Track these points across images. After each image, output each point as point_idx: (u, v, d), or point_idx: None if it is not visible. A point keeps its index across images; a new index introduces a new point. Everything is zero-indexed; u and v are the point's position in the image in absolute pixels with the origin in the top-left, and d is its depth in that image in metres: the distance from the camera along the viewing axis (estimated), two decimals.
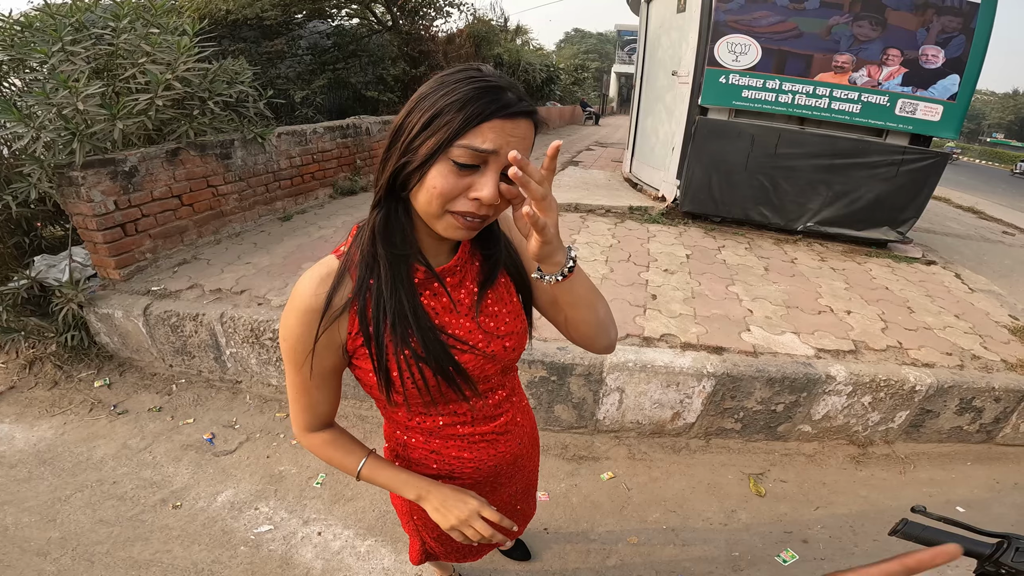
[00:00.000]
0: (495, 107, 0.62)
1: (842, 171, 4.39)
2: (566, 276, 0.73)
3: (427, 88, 0.66)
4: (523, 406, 1.07)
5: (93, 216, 2.81)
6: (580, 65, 26.71)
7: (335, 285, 0.74)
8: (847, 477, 2.42)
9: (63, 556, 1.87)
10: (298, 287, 0.76)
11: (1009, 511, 2.30)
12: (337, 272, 0.75)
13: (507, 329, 0.87)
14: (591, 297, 0.81)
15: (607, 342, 0.88)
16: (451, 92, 0.62)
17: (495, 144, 0.62)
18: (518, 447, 1.04)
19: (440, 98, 0.63)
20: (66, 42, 2.85)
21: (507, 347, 0.87)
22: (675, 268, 3.64)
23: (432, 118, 0.63)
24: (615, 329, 0.89)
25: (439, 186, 0.64)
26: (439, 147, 0.62)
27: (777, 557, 1.99)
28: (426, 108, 0.64)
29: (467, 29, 11.71)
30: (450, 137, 0.62)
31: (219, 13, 7.48)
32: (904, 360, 2.62)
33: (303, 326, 0.75)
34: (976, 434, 2.64)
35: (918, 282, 3.84)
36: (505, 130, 0.62)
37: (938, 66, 4.10)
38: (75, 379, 2.87)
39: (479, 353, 0.84)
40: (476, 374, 0.85)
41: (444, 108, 0.62)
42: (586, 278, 0.79)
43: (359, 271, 0.74)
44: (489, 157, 0.63)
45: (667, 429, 2.56)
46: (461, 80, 0.63)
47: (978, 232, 6.80)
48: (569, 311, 0.82)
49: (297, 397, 0.84)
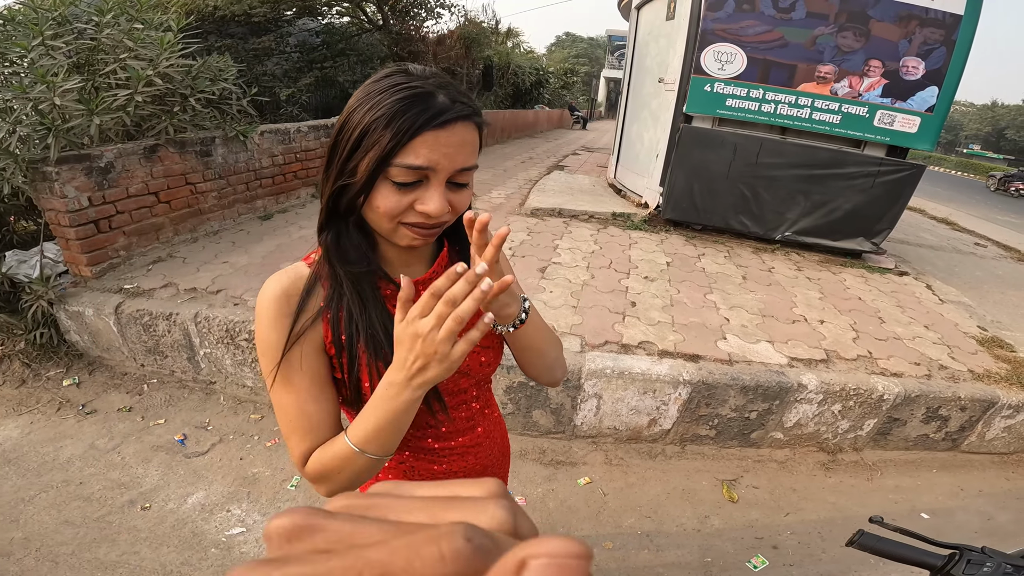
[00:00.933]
0: (424, 119, 0.59)
1: (820, 181, 4.47)
2: (517, 327, 0.73)
3: (355, 100, 0.63)
4: (496, 418, 1.05)
5: (66, 212, 2.75)
6: (570, 69, 26.79)
7: (308, 288, 0.71)
8: (817, 484, 2.47)
9: (26, 556, 1.83)
10: (264, 289, 0.72)
11: (973, 518, 2.37)
12: (309, 278, 0.72)
13: (483, 343, 0.85)
14: (541, 344, 0.81)
15: (551, 380, 0.89)
16: (376, 105, 0.60)
17: (428, 160, 0.60)
18: (487, 459, 1.04)
19: (366, 113, 0.60)
20: (47, 36, 2.80)
21: (483, 362, 0.86)
22: (655, 275, 3.68)
23: (361, 136, 0.60)
24: (562, 370, 0.89)
25: (382, 206, 0.63)
26: (374, 169, 0.60)
27: (748, 563, 2.02)
28: (354, 125, 0.61)
29: (458, 31, 11.70)
30: (382, 157, 0.59)
31: (206, 9, 7.36)
32: (873, 369, 2.68)
33: (274, 329, 0.70)
34: (942, 442, 2.71)
35: (890, 292, 3.93)
36: (440, 141, 0.60)
37: (918, 78, 4.17)
38: (43, 378, 2.80)
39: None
40: (449, 387, 0.83)
41: (371, 125, 0.60)
42: (539, 323, 0.79)
43: (330, 283, 0.72)
44: (425, 173, 0.61)
45: (644, 435, 2.59)
46: (386, 90, 0.60)
47: (951, 244, 6.96)
48: (520, 354, 0.82)
49: (294, 421, 0.71)
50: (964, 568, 0.81)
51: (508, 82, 15.28)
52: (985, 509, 2.42)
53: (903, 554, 0.85)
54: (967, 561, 0.82)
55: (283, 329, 0.69)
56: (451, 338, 0.57)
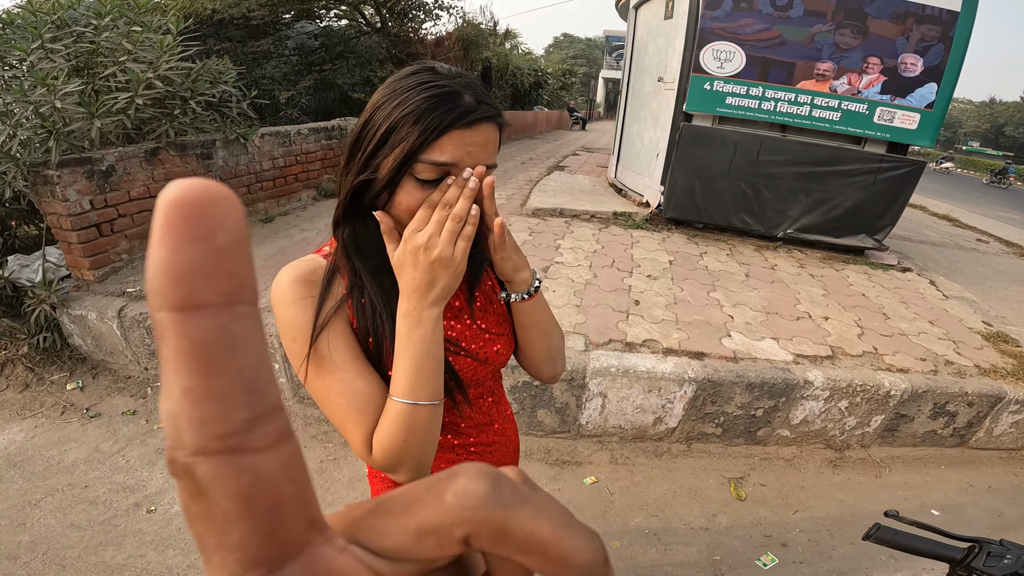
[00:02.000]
0: (452, 117, 0.60)
1: (821, 179, 4.47)
2: (532, 295, 0.74)
3: (380, 96, 0.63)
4: (508, 415, 1.05)
5: (68, 216, 2.75)
6: (568, 70, 26.82)
7: (328, 277, 0.70)
8: (824, 481, 2.46)
9: (33, 560, 1.83)
10: (279, 278, 0.69)
11: (983, 514, 2.35)
12: (328, 267, 0.71)
13: (498, 331, 0.85)
14: (548, 324, 0.82)
15: (552, 372, 0.89)
16: (405, 102, 0.60)
17: (454, 157, 0.61)
18: (503, 458, 1.04)
19: (395, 108, 0.60)
20: (46, 39, 2.81)
21: (497, 350, 0.86)
22: (658, 274, 3.68)
23: (389, 132, 0.61)
24: (563, 363, 0.90)
25: (405, 203, 0.63)
26: (400, 165, 0.61)
27: (757, 561, 2.00)
28: (381, 120, 0.61)
29: (456, 32, 11.70)
30: (410, 153, 0.60)
31: (205, 12, 7.38)
32: (879, 366, 2.67)
33: (304, 298, 0.67)
34: (950, 438, 2.70)
35: (893, 289, 3.92)
36: (465, 140, 0.61)
37: (916, 74, 4.18)
38: (47, 382, 2.80)
39: (472, 356, 0.82)
40: (469, 377, 0.83)
41: (399, 121, 0.60)
42: (547, 305, 0.81)
43: (349, 275, 0.71)
44: (449, 170, 0.62)
45: (649, 434, 2.58)
46: (414, 87, 0.61)
47: (952, 240, 6.96)
48: (525, 333, 0.82)
49: (346, 403, 0.67)
50: (984, 560, 0.80)
51: (507, 84, 15.30)
52: (995, 505, 2.41)
53: (921, 547, 0.84)
54: (987, 554, 0.81)
55: (310, 308, 0.67)
56: (453, 239, 0.60)
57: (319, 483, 2.22)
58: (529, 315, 0.78)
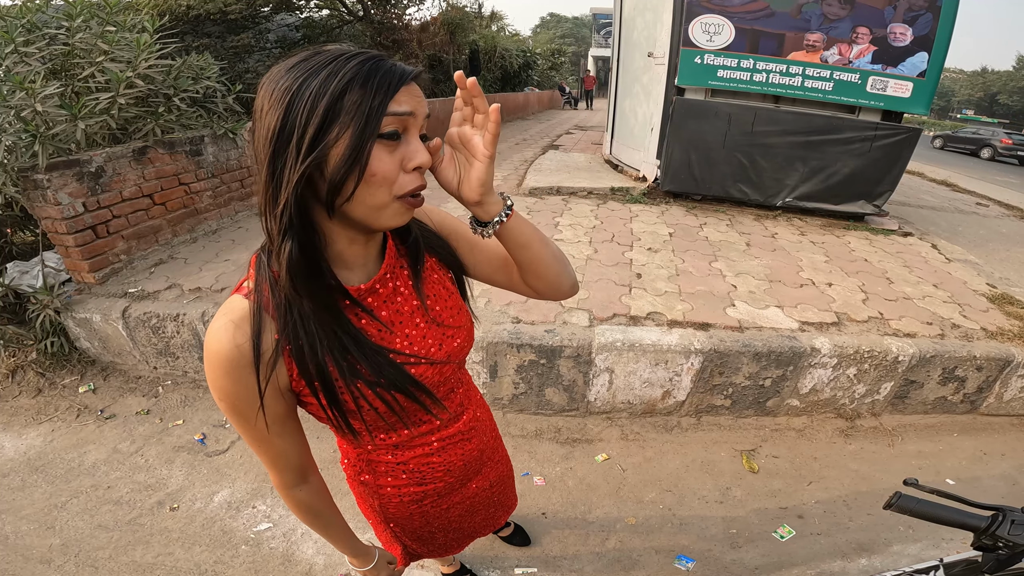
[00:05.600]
0: (399, 71, 0.59)
1: (817, 147, 4.44)
2: (509, 215, 0.73)
3: (291, 80, 0.56)
4: (478, 399, 1.09)
5: (62, 219, 2.72)
6: (557, 50, 26.43)
7: (256, 329, 0.64)
8: (837, 451, 2.46)
9: (67, 563, 1.84)
10: (211, 343, 0.64)
11: (998, 483, 2.33)
12: (252, 313, 0.65)
13: (455, 323, 0.85)
14: (538, 241, 0.79)
15: (571, 281, 0.87)
16: (335, 73, 0.55)
17: (411, 106, 0.60)
18: (481, 441, 1.06)
19: (324, 83, 0.55)
20: (19, 43, 2.76)
21: (458, 344, 0.86)
22: (658, 247, 3.66)
23: (331, 104, 0.55)
24: (571, 282, 0.88)
25: (379, 171, 0.59)
26: (364, 128, 0.56)
27: (774, 533, 2.01)
28: (310, 99, 0.55)
29: (441, 16, 11.51)
30: (373, 111, 0.56)
31: (179, 9, 7.21)
32: (886, 331, 2.67)
33: (236, 383, 0.65)
34: (960, 404, 2.70)
35: (896, 253, 3.92)
36: (411, 92, 0.60)
37: (906, 44, 4.14)
38: (59, 386, 2.80)
39: (435, 362, 0.81)
40: (436, 381, 0.83)
41: (343, 89, 0.55)
42: (531, 225, 0.78)
43: (278, 310, 0.65)
44: (408, 121, 0.60)
45: (658, 408, 2.59)
46: (331, 61, 0.56)
47: (952, 204, 6.94)
48: (523, 254, 0.79)
49: (260, 452, 0.76)
50: (1009, 528, 0.80)
51: (495, 66, 15.08)
52: (1009, 473, 2.39)
53: (944, 516, 0.82)
54: (1012, 522, 0.80)
55: (245, 376, 0.65)
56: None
57: (329, 473, 2.23)
58: (519, 232, 0.76)
